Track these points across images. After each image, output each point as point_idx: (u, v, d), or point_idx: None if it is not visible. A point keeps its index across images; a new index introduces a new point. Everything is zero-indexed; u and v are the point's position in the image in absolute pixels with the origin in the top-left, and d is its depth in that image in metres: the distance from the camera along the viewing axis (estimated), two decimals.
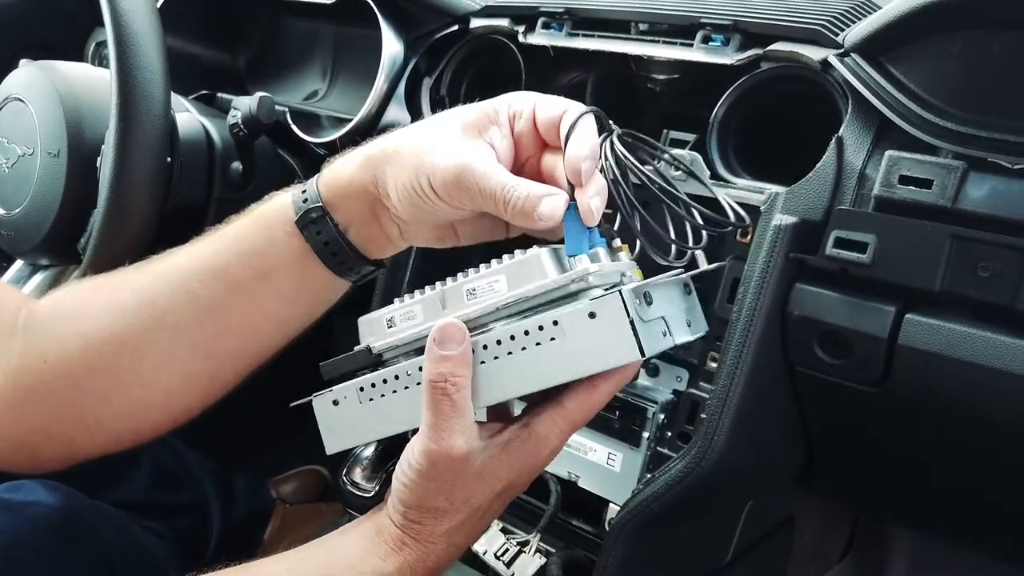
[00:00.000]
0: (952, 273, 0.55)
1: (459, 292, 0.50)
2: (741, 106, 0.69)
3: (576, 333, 0.46)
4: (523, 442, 0.51)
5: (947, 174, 0.55)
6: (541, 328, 0.47)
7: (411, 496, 0.51)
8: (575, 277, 0.46)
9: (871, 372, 0.59)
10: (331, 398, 0.55)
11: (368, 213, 0.55)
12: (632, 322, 0.45)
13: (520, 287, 0.47)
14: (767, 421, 0.67)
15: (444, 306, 0.50)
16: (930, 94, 0.58)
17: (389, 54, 0.87)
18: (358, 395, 0.53)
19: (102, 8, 0.64)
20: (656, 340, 0.47)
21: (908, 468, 0.73)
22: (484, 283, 0.49)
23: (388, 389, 0.52)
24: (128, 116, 0.63)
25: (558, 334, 0.46)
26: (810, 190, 0.61)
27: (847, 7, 0.67)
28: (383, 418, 0.52)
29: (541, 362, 0.47)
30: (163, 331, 0.58)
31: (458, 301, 0.50)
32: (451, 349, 0.49)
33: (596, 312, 0.45)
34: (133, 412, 0.60)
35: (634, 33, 0.75)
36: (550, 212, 0.48)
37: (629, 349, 0.45)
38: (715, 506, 0.72)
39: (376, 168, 0.53)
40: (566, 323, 0.46)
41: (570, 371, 0.47)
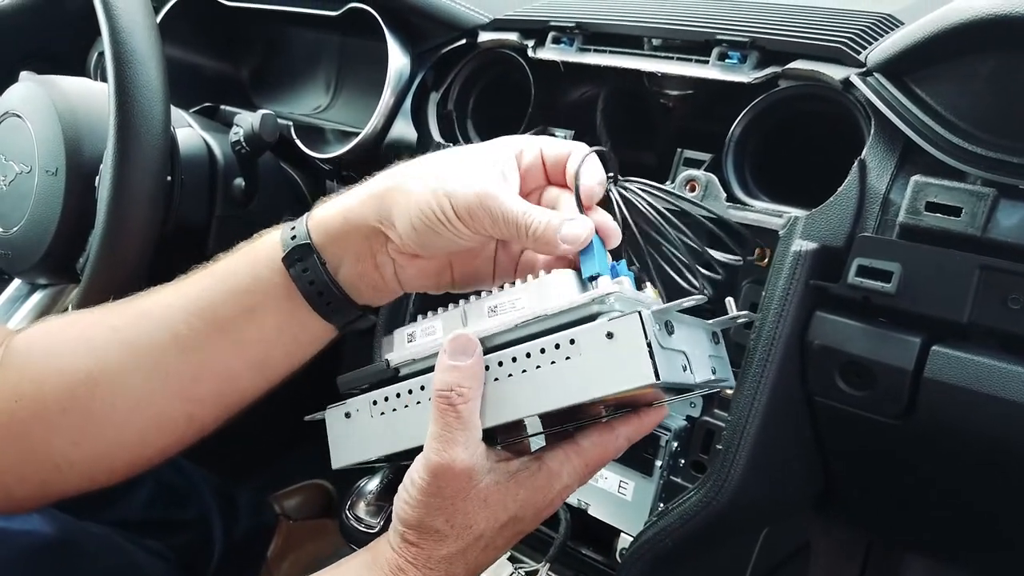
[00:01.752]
0: (981, 305, 0.53)
1: (481, 309, 0.49)
2: (758, 125, 0.67)
3: (592, 352, 0.45)
4: (532, 474, 0.50)
5: (977, 201, 0.53)
6: (557, 347, 0.46)
7: (411, 514, 0.49)
8: (596, 297, 0.46)
9: (895, 405, 0.57)
10: (344, 410, 0.53)
11: (362, 251, 0.54)
12: (650, 344, 0.43)
13: (542, 306, 0.47)
14: (785, 452, 0.65)
15: (465, 322, 0.50)
16: (958, 117, 0.56)
17: (395, 68, 0.85)
18: (371, 408, 0.52)
19: (101, 26, 0.63)
20: (675, 370, 0.45)
21: (928, 498, 0.71)
22: (506, 301, 0.49)
23: (400, 403, 0.51)
24: (127, 135, 0.62)
25: (574, 353, 0.45)
26: (831, 215, 0.59)
27: (869, 24, 0.65)
28: (392, 433, 0.51)
29: (555, 381, 0.46)
30: (140, 372, 0.56)
31: (479, 318, 0.49)
32: (461, 360, 0.48)
33: (614, 332, 0.44)
34: (106, 453, 0.58)
35: (647, 49, 0.73)
36: (573, 236, 0.49)
37: (644, 371, 0.43)
38: (730, 537, 0.70)
39: (382, 200, 0.52)
40: (583, 341, 0.45)
41: (584, 391, 0.45)
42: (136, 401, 0.56)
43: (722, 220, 0.54)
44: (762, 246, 0.64)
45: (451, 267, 0.56)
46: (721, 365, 0.51)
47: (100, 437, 0.57)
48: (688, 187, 0.65)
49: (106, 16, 0.62)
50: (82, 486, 0.59)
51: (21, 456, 0.57)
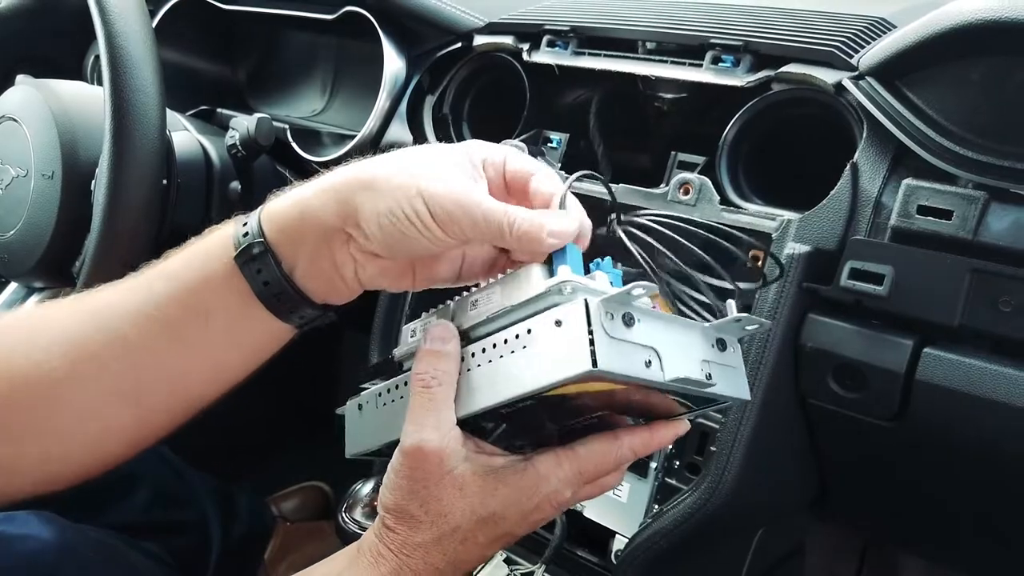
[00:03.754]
0: (972, 307, 0.54)
1: (465, 304, 0.50)
2: (752, 129, 0.67)
3: (543, 341, 0.44)
4: (517, 473, 0.48)
5: (968, 205, 0.53)
6: (517, 336, 0.46)
7: (388, 497, 0.49)
8: (552, 286, 0.45)
9: (887, 407, 0.57)
10: (357, 403, 0.55)
11: (320, 249, 0.50)
12: (590, 331, 0.42)
13: (511, 298, 0.47)
14: (779, 453, 0.66)
15: (453, 317, 0.50)
16: (949, 121, 0.56)
17: (391, 71, 0.85)
18: (376, 400, 0.54)
19: (96, 30, 0.63)
20: (627, 363, 0.43)
21: (921, 499, 0.71)
22: (484, 295, 0.49)
23: (398, 395, 0.53)
24: (122, 139, 0.62)
25: (530, 342, 0.45)
26: (824, 218, 0.60)
27: (861, 27, 0.66)
28: (389, 423, 0.52)
29: (511, 371, 0.46)
30: (85, 375, 0.53)
31: (463, 312, 0.50)
32: (436, 346, 0.49)
33: (562, 320, 0.44)
34: (49, 458, 0.55)
35: (641, 52, 0.73)
36: (561, 231, 0.47)
37: (581, 358, 0.42)
38: (725, 538, 0.70)
39: (345, 198, 0.48)
40: (536, 330, 0.45)
41: (531, 380, 0.45)
42: (80, 406, 0.53)
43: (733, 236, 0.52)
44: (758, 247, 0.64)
45: (413, 270, 0.53)
46: (727, 376, 0.48)
47: (42, 441, 0.54)
48: (682, 190, 0.65)
49: (101, 20, 0.62)
50: (25, 489, 0.56)
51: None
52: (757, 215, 0.64)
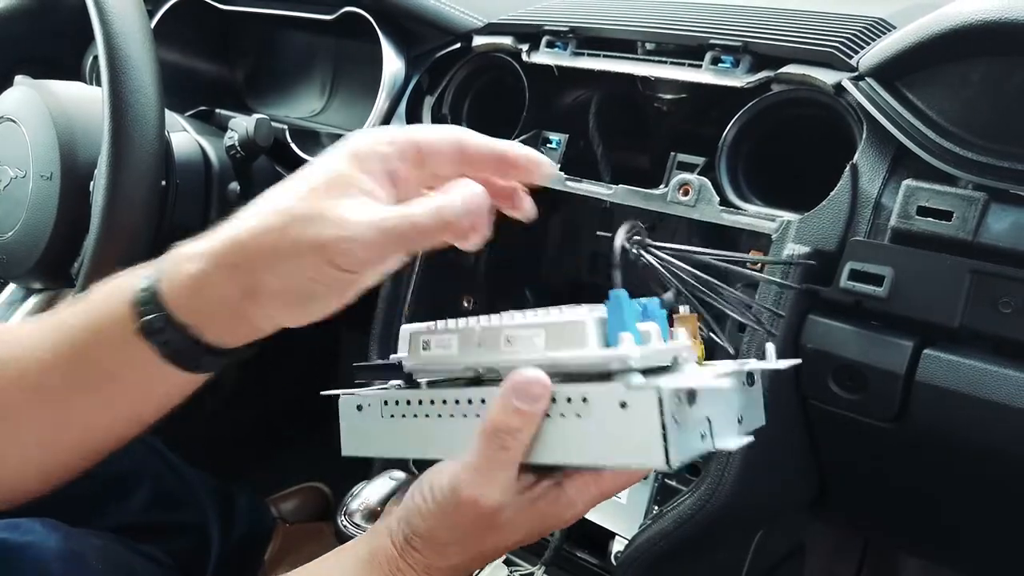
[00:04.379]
0: (972, 308, 0.54)
1: (497, 336, 0.46)
2: (751, 129, 0.67)
3: (603, 418, 0.42)
4: (551, 503, 0.48)
5: (968, 206, 0.53)
6: (569, 400, 0.43)
7: (422, 525, 0.47)
8: (614, 358, 0.42)
9: (887, 408, 0.57)
10: (356, 402, 0.52)
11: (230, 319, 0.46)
12: (664, 426, 0.40)
13: (558, 350, 0.44)
14: (779, 454, 0.65)
15: (480, 344, 0.47)
16: (949, 122, 0.56)
17: (390, 72, 0.85)
18: (381, 408, 0.51)
19: (95, 30, 0.63)
20: (689, 446, 0.42)
21: (921, 500, 0.71)
22: (523, 334, 0.46)
23: (416, 411, 0.49)
24: (121, 140, 0.61)
25: (584, 412, 0.43)
26: (823, 219, 0.59)
27: (861, 28, 0.65)
28: (403, 439, 0.50)
29: (562, 436, 0.44)
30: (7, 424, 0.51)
31: (494, 345, 0.46)
32: (527, 405, 0.44)
33: (628, 403, 0.41)
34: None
35: (641, 53, 0.73)
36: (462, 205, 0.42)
37: (655, 456, 0.41)
38: (725, 539, 0.70)
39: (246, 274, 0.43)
40: (595, 404, 0.43)
41: (588, 456, 0.43)
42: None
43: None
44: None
45: None
46: (751, 409, 0.48)
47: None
48: (681, 191, 0.65)
49: (100, 20, 0.62)
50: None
51: None
52: (757, 216, 0.63)
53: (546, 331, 0.45)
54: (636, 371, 0.42)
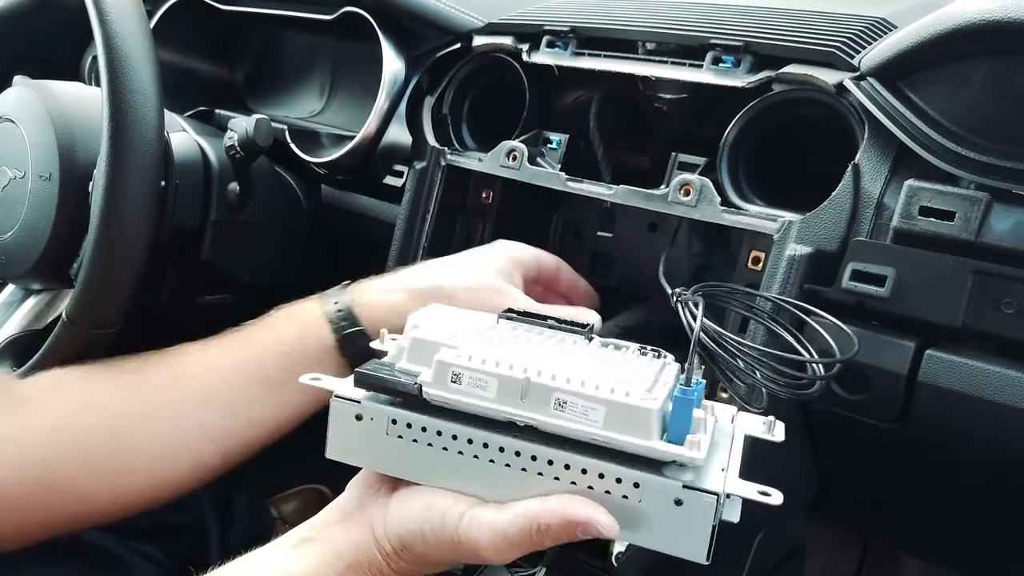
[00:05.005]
0: (975, 309, 0.53)
1: (547, 395, 0.44)
2: (752, 129, 0.67)
3: (654, 506, 0.43)
4: None
5: (970, 206, 0.53)
6: (619, 481, 0.44)
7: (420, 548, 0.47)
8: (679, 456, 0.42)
9: (889, 409, 0.57)
10: (356, 411, 0.49)
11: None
12: (714, 528, 0.43)
13: (617, 432, 0.43)
14: (780, 455, 0.65)
15: (524, 397, 0.45)
16: (951, 121, 0.56)
17: (390, 72, 0.85)
18: (388, 425, 0.48)
19: (93, 30, 0.62)
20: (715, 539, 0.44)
21: (922, 500, 0.71)
22: (578, 403, 0.44)
23: (431, 440, 0.47)
24: (120, 140, 0.61)
25: (632, 495, 0.43)
26: (825, 219, 0.59)
27: (863, 27, 0.65)
28: (410, 463, 0.48)
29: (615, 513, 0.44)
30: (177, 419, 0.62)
31: (542, 403, 0.45)
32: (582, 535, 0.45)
33: (684, 501, 0.43)
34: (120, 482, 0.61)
35: (641, 53, 0.73)
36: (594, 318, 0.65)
37: (698, 552, 0.43)
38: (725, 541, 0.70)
39: (430, 297, 0.61)
40: (648, 492, 0.43)
41: (630, 535, 0.44)
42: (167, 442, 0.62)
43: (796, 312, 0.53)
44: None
45: None
46: None
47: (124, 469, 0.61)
48: (682, 191, 0.65)
49: (99, 20, 0.62)
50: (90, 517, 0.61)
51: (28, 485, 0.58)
52: (758, 216, 0.63)
53: (607, 408, 0.43)
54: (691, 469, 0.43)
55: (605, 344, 0.51)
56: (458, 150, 0.82)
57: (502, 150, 0.75)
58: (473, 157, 0.79)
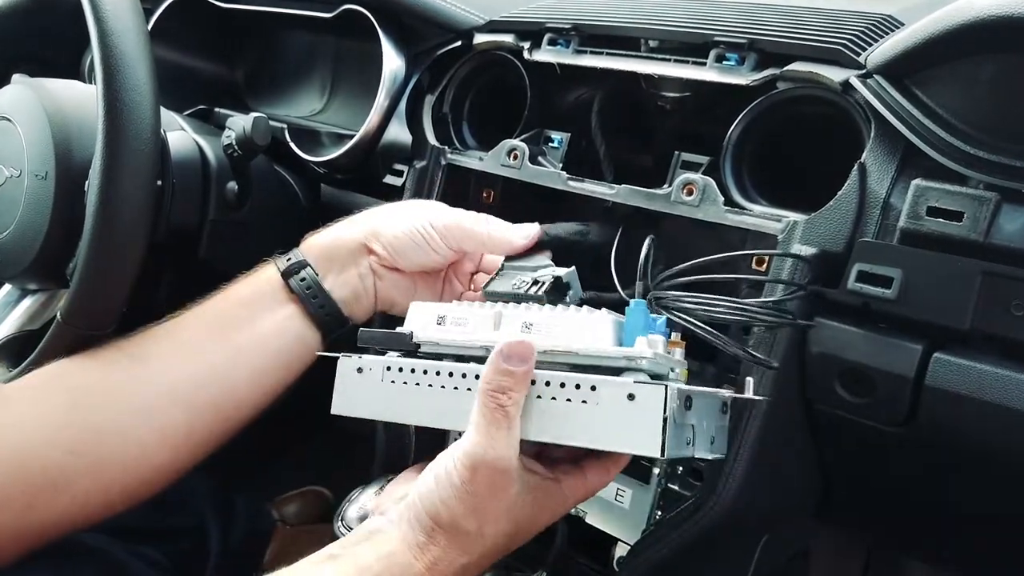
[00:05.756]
0: (983, 311, 0.52)
1: (516, 320, 0.51)
2: (756, 128, 0.66)
3: (609, 407, 0.47)
4: (549, 494, 0.52)
5: (979, 206, 0.52)
6: (578, 387, 0.47)
7: (444, 512, 0.49)
8: (630, 355, 0.47)
9: (895, 412, 0.56)
10: (357, 364, 0.55)
11: (347, 262, 0.65)
12: (665, 419, 0.45)
13: (577, 343, 0.48)
14: (784, 459, 0.64)
15: (497, 327, 0.52)
16: (959, 120, 0.55)
17: (390, 70, 0.84)
18: (383, 372, 0.54)
19: (89, 28, 0.62)
20: (679, 446, 0.47)
21: (929, 505, 0.70)
22: (543, 322, 0.51)
23: (419, 380, 0.53)
24: (115, 139, 0.60)
25: (592, 399, 0.47)
26: (831, 219, 0.58)
27: (869, 25, 0.64)
28: (403, 405, 0.53)
29: (568, 419, 0.48)
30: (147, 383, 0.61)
31: (513, 328, 0.51)
32: (516, 366, 0.49)
33: (636, 396, 0.46)
34: (105, 465, 0.59)
35: (644, 50, 0.72)
36: (524, 231, 0.65)
37: (652, 444, 0.45)
38: (729, 545, 0.69)
39: (373, 224, 0.65)
40: (604, 393, 0.47)
41: (589, 439, 0.47)
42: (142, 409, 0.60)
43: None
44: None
45: (415, 284, 0.67)
46: (721, 436, 0.53)
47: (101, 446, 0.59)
48: (685, 191, 0.64)
49: (94, 17, 0.61)
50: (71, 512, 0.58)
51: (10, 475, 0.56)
52: (762, 216, 0.62)
53: (568, 324, 0.49)
54: (645, 370, 0.47)
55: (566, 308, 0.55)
56: (459, 149, 0.81)
57: (503, 149, 0.74)
58: (474, 156, 0.78)
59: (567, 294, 0.60)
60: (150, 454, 0.60)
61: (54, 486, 0.57)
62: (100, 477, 0.59)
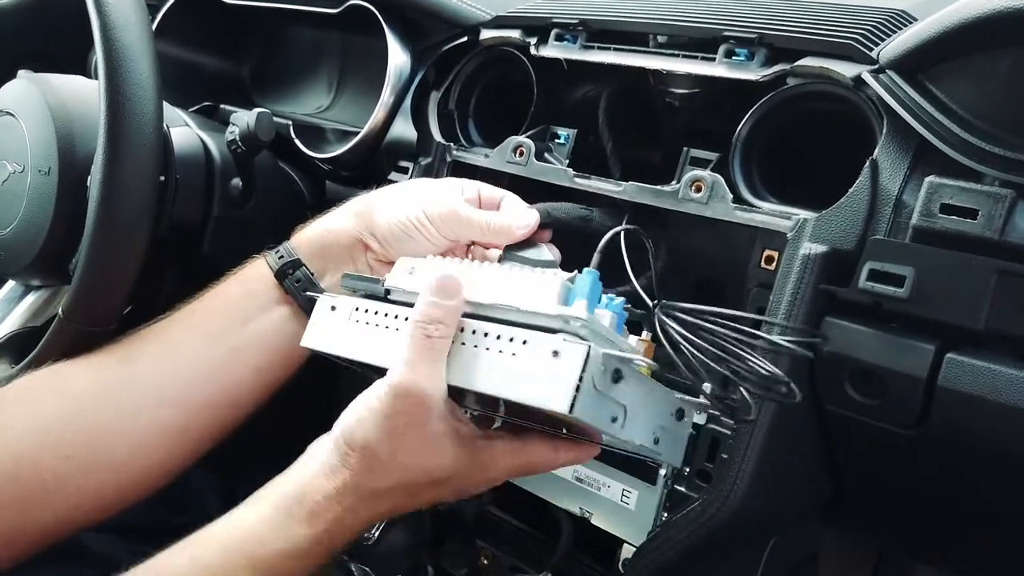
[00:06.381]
0: (998, 311, 0.51)
1: (473, 274, 0.53)
2: (766, 124, 0.65)
3: (533, 360, 0.47)
4: (478, 449, 0.52)
5: (994, 203, 0.51)
6: (511, 340, 0.49)
7: (359, 434, 0.50)
8: (564, 315, 0.48)
9: (907, 414, 0.55)
10: (331, 303, 0.58)
11: (343, 258, 0.64)
12: (581, 379, 0.45)
13: (520, 299, 0.50)
14: (793, 460, 0.63)
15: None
16: (974, 115, 0.54)
17: (395, 66, 0.83)
18: (351, 312, 0.57)
19: (91, 22, 0.61)
20: (597, 416, 0.47)
21: (940, 508, 0.69)
22: (494, 277, 0.53)
23: (377, 320, 0.55)
24: (117, 134, 0.60)
25: (520, 352, 0.48)
26: (842, 217, 0.57)
27: (881, 19, 0.63)
28: (361, 343, 0.56)
29: (497, 368, 0.49)
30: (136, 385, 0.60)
31: (471, 281, 0.53)
32: (443, 299, 0.50)
33: (560, 352, 0.46)
34: (97, 468, 0.59)
35: (652, 46, 0.71)
36: (524, 221, 0.62)
37: (561, 398, 0.45)
38: (736, 548, 0.68)
39: (365, 215, 0.63)
40: (531, 347, 0.48)
41: (511, 390, 0.48)
42: (133, 409, 0.60)
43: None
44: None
45: None
46: (669, 439, 0.53)
47: (92, 449, 0.59)
48: (693, 188, 0.63)
49: (97, 11, 0.61)
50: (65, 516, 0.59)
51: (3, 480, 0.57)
52: (771, 214, 0.61)
53: (517, 282, 0.51)
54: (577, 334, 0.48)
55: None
56: (464, 146, 0.80)
57: (509, 146, 0.73)
58: (479, 153, 0.77)
59: None
60: (142, 455, 0.60)
61: (47, 489, 0.57)
62: (92, 479, 0.59)
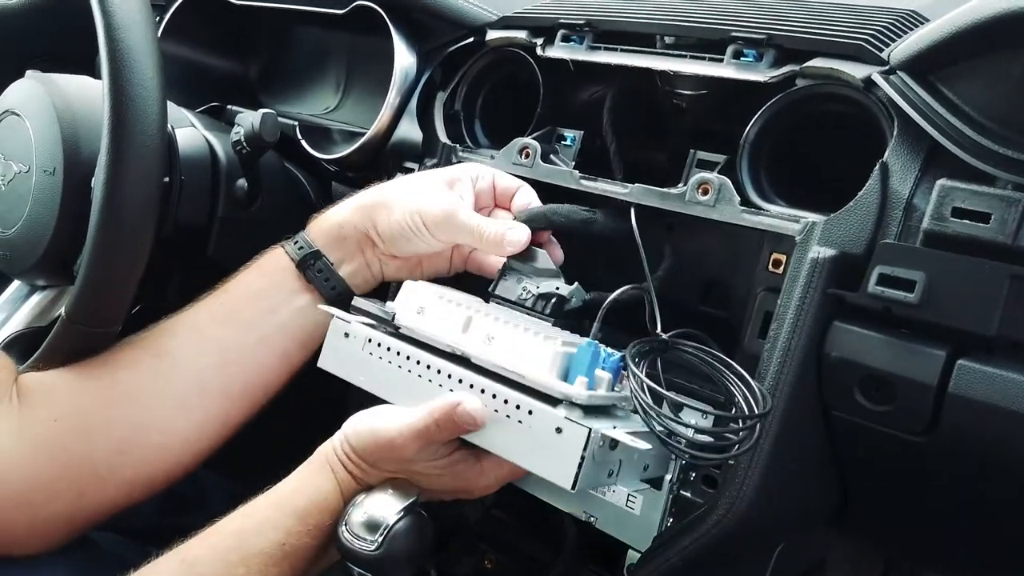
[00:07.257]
0: (1010, 316, 0.50)
1: (483, 330, 0.56)
2: (775, 126, 0.64)
3: (538, 432, 0.52)
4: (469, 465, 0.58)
5: (1007, 207, 0.50)
6: (518, 407, 0.53)
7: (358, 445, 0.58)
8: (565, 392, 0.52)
9: (917, 421, 0.54)
10: (345, 330, 0.61)
11: (355, 252, 0.69)
12: (583, 459, 0.50)
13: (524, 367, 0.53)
14: (800, 466, 0.63)
15: (465, 332, 0.57)
16: (987, 117, 0.53)
17: (401, 67, 0.83)
18: (364, 343, 0.60)
19: (96, 22, 0.61)
20: (596, 479, 0.52)
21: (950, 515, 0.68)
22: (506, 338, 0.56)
23: (391, 359, 0.59)
24: (121, 134, 0.60)
25: (525, 420, 0.52)
26: (851, 220, 0.57)
27: (892, 20, 0.62)
28: (372, 375, 0.60)
29: (500, 431, 0.53)
30: (179, 379, 0.66)
31: (478, 336, 0.56)
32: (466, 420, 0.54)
33: (563, 430, 0.51)
34: (150, 459, 0.65)
35: (659, 47, 0.71)
36: (515, 239, 0.63)
37: (565, 477, 0.50)
38: (743, 555, 0.67)
39: (370, 212, 0.67)
40: (537, 419, 0.52)
41: (514, 454, 0.53)
42: (179, 405, 0.66)
43: None
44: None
45: (421, 265, 0.70)
46: (659, 460, 0.58)
47: (145, 443, 0.65)
48: (700, 190, 0.63)
49: (101, 11, 0.61)
50: (118, 499, 0.65)
51: (59, 469, 0.62)
52: (779, 217, 0.61)
53: (522, 344, 0.55)
54: (579, 408, 0.52)
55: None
56: (470, 147, 0.80)
57: (515, 147, 0.73)
58: (485, 154, 0.77)
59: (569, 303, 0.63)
60: (191, 442, 0.66)
61: (101, 479, 0.64)
62: (145, 469, 0.65)
